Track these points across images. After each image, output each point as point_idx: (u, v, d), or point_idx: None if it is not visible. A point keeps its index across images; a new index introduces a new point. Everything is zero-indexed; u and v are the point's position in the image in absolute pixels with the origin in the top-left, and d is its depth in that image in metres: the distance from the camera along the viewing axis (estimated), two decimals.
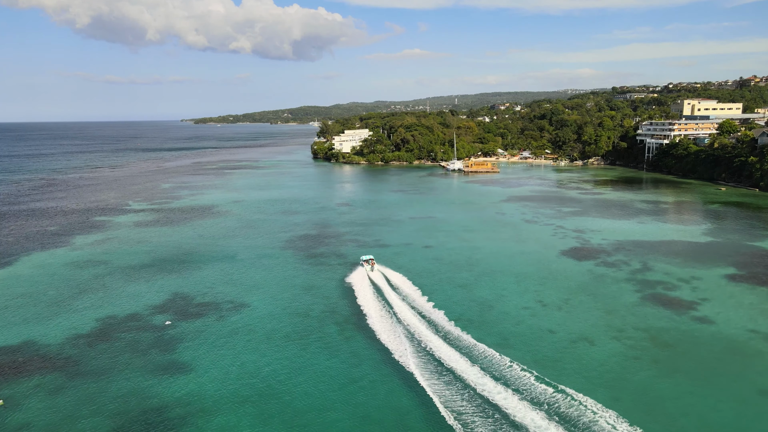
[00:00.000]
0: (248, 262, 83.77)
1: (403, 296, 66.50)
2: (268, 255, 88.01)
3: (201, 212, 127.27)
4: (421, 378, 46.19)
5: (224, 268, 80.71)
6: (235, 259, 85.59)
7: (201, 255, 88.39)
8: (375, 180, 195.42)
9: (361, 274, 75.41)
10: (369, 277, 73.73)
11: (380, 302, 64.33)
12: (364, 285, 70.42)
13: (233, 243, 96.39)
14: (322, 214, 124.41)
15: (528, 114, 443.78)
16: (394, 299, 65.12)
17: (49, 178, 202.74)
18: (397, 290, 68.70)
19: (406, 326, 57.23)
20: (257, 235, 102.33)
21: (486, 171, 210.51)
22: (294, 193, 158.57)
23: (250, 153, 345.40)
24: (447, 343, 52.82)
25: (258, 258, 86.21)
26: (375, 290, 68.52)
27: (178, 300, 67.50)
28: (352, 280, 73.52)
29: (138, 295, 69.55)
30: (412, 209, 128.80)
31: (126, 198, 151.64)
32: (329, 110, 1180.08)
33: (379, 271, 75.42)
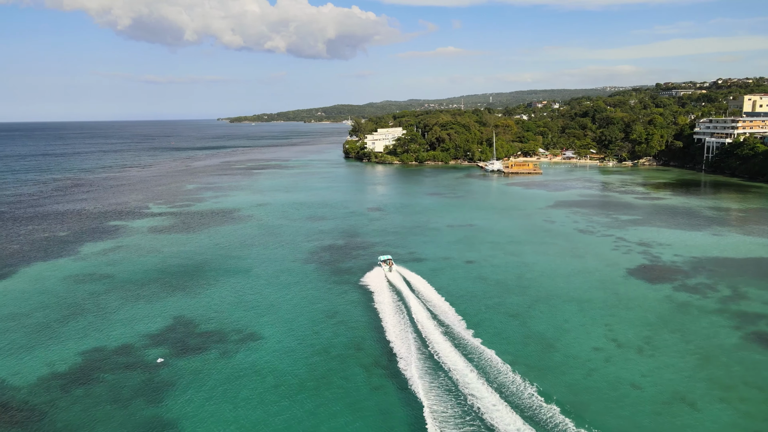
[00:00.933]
0: (264, 278, 73.58)
1: (443, 326, 55.12)
2: (288, 270, 77.65)
3: (221, 217, 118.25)
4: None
5: (237, 286, 70.70)
6: (250, 274, 75.54)
7: (213, 268, 78.70)
8: (409, 181, 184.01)
9: (383, 286, 66.90)
10: (387, 279, 70.20)
11: (414, 337, 52.98)
12: (393, 313, 59.29)
13: (251, 254, 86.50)
14: (350, 220, 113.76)
15: (568, 112, 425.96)
16: (432, 332, 53.69)
17: (75, 178, 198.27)
18: (436, 318, 57.39)
19: (449, 371, 45.83)
20: (278, 245, 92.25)
21: (527, 172, 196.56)
22: (322, 195, 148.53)
23: (280, 152, 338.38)
24: (504, 400, 41.23)
25: (276, 273, 75.93)
26: (408, 318, 57.29)
27: (179, 327, 57.59)
28: (379, 303, 62.56)
29: (134, 319, 59.97)
30: (450, 215, 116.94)
31: (147, 200, 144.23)
32: (362, 109, 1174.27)
33: (397, 273, 72.08)
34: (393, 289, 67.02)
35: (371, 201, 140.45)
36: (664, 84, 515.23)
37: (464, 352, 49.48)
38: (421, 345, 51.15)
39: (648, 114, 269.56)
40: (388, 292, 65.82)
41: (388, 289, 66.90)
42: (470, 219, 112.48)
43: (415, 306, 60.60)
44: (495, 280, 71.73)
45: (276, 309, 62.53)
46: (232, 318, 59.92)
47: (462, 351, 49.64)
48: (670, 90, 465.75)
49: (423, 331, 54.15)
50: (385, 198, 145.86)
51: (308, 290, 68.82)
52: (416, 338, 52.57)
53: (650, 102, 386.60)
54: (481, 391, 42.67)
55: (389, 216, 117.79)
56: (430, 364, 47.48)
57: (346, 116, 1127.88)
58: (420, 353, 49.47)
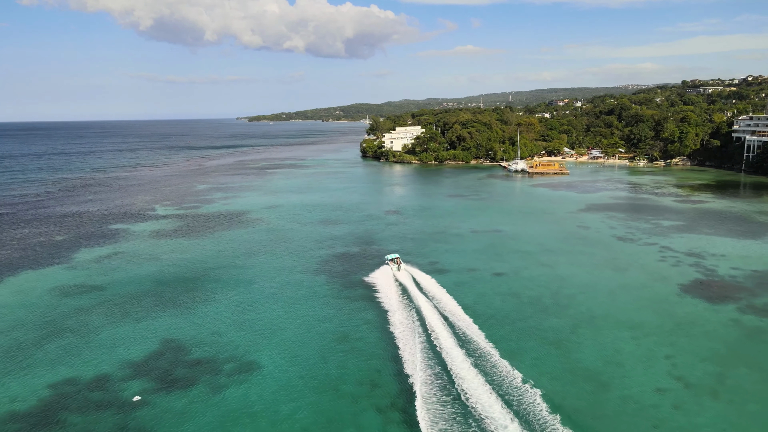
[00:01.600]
0: (268, 293, 65.88)
1: (472, 356, 46.83)
2: (296, 283, 69.85)
3: (229, 220, 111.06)
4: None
5: (237, 301, 63.11)
6: (253, 288, 67.90)
7: (213, 279, 71.25)
8: (428, 182, 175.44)
9: (399, 303, 59.36)
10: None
11: (439, 370, 44.71)
12: (411, 336, 51.07)
13: (256, 263, 78.92)
14: (366, 224, 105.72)
15: (591, 110, 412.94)
16: (459, 364, 45.37)
17: (86, 178, 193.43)
18: (464, 345, 49.07)
19: (482, 418, 37.56)
20: (287, 253, 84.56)
21: (553, 172, 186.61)
22: (337, 197, 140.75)
23: (296, 151, 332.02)
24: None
25: (282, 287, 68.18)
26: (429, 344, 49.04)
27: (166, 353, 50.05)
28: (396, 325, 54.43)
29: (117, 342, 52.60)
30: (474, 220, 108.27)
31: (154, 201, 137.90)
32: (381, 108, 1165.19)
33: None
34: (411, 306, 59.11)
35: (389, 203, 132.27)
36: (691, 81, 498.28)
37: (500, 392, 41.10)
38: (448, 382, 42.91)
39: (677, 111, 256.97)
40: (406, 311, 57.73)
41: (406, 307, 58.84)
42: (496, 224, 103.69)
43: (439, 329, 52.37)
44: (528, 297, 63.08)
45: (279, 331, 54.73)
46: (228, 342, 52.22)
47: (498, 391, 41.25)
48: (698, 87, 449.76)
49: (448, 361, 45.90)
50: (404, 200, 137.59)
51: (317, 308, 60.89)
52: (441, 371, 44.34)
53: (678, 99, 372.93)
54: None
55: (408, 220, 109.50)
56: (457, 407, 39.24)
57: (364, 115, 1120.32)
58: (445, 393, 41.22)
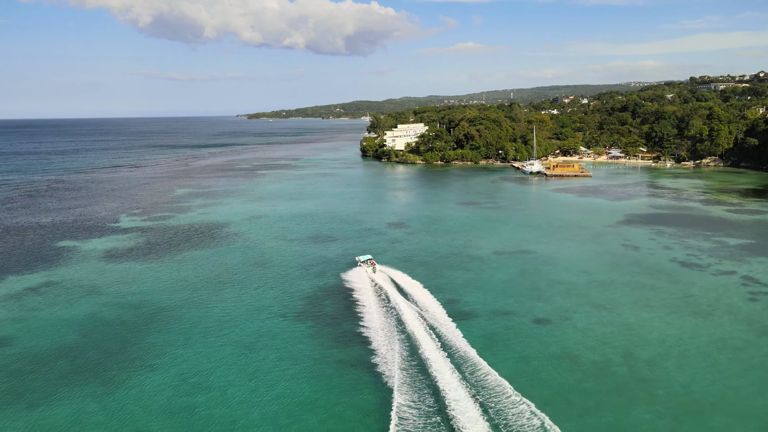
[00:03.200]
0: (229, 356, 47.71)
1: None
2: (270, 334, 51.73)
3: (201, 235, 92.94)
4: None
5: (183, 369, 44.98)
6: (209, 344, 49.78)
7: (160, 329, 53.13)
8: (436, 185, 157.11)
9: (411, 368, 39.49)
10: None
11: None
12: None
13: (222, 300, 60.80)
14: (365, 241, 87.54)
15: (601, 107, 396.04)
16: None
17: (56, 180, 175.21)
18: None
19: None
20: (263, 284, 66.44)
21: (574, 174, 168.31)
22: (332, 205, 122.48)
23: (292, 150, 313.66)
24: None
25: (250, 343, 50.03)
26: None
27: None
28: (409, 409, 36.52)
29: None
30: (495, 235, 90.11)
31: (121, 210, 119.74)
32: (381, 105, 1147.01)
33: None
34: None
35: (391, 213, 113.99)
36: (700, 78, 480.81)
37: None
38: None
39: (698, 108, 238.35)
40: (425, 389, 39.77)
41: (424, 386, 40.82)
42: (522, 241, 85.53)
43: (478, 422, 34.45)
44: (591, 364, 44.91)
45: (238, 426, 36.63)
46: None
47: None
48: (708, 84, 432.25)
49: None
50: (409, 208, 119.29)
51: (297, 383, 42.71)
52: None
53: (690, 96, 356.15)
54: None
55: (415, 236, 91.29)
56: None
57: (364, 112, 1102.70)
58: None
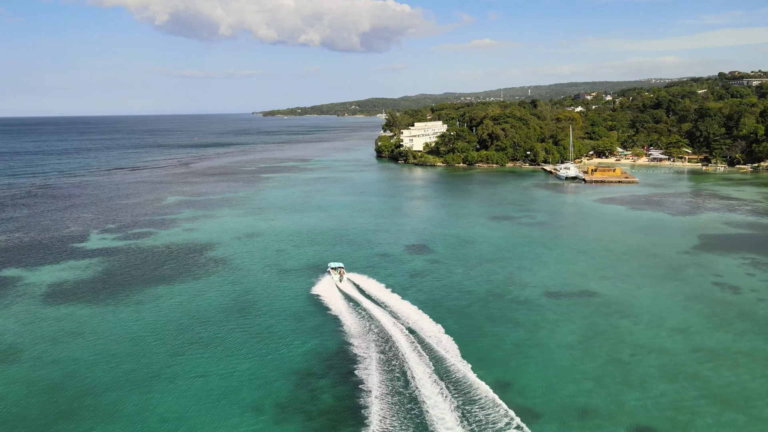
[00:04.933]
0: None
1: None
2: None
3: (177, 262, 75.34)
4: None
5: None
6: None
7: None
8: (460, 193, 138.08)
9: None
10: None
11: None
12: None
13: (176, 377, 42.94)
14: (379, 272, 69.07)
15: (628, 103, 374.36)
16: None
17: (40, 185, 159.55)
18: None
19: None
20: (240, 347, 48.46)
21: (617, 180, 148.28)
22: (340, 219, 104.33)
23: (303, 150, 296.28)
24: None
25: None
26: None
27: None
28: None
29: None
30: (542, 265, 71.24)
31: (96, 223, 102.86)
32: (397, 102, 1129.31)
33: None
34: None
35: (411, 230, 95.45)
36: (730, 73, 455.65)
37: None
38: None
39: (743, 104, 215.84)
40: None
41: None
42: (579, 276, 66.56)
43: None
44: None
45: None
46: None
47: None
48: (740, 79, 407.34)
49: None
50: (431, 225, 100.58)
51: None
52: None
53: (723, 91, 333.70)
54: None
55: (442, 266, 72.71)
56: None
57: (380, 110, 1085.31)
58: None
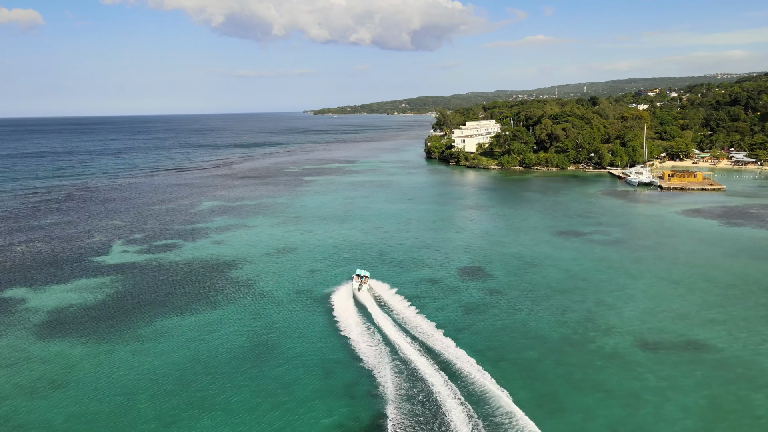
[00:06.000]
0: None
1: None
2: None
3: (196, 285, 65.94)
4: None
5: None
6: None
7: None
8: (519, 201, 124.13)
9: None
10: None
11: None
12: None
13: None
14: (428, 306, 57.31)
15: (700, 100, 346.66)
16: None
17: (82, 187, 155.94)
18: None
19: None
20: (253, 409, 37.84)
21: (699, 187, 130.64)
22: (384, 232, 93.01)
23: (350, 149, 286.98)
24: None
25: None
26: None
27: None
28: None
29: None
30: (628, 299, 57.61)
31: (123, 231, 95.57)
32: (447, 100, 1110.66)
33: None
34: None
35: (464, 248, 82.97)
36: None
37: None
38: None
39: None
40: None
41: None
42: (680, 318, 52.65)
43: None
44: None
45: None
46: None
47: None
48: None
49: None
50: (487, 240, 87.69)
51: None
52: None
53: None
54: None
55: (503, 297, 60.14)
56: None
57: (430, 108, 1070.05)
58: None
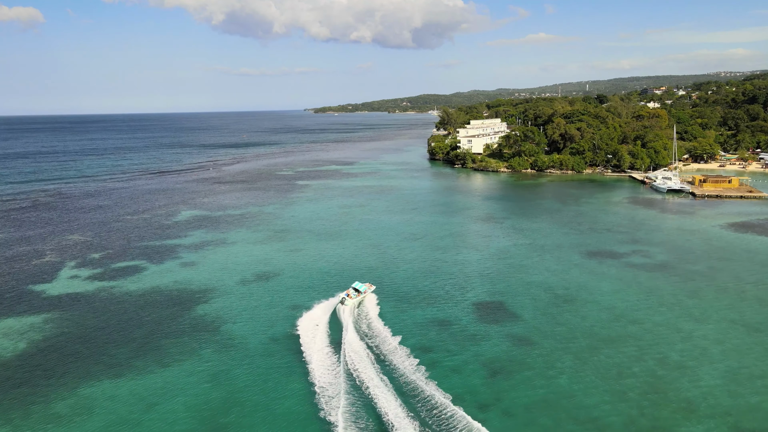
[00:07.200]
0: None
1: None
2: None
3: (152, 327, 52.30)
4: None
5: None
6: None
7: None
8: (537, 212, 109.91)
9: None
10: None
11: None
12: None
13: None
14: (442, 367, 43.68)
15: (706, 98, 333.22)
16: None
17: (53, 192, 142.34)
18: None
19: None
20: None
21: (738, 194, 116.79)
22: (383, 251, 79.23)
23: (349, 149, 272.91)
24: None
25: None
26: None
27: None
28: None
29: None
30: (702, 357, 44.00)
31: (80, 250, 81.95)
32: (449, 99, 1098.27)
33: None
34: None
35: (479, 275, 69.12)
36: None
37: None
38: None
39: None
40: None
41: None
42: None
43: None
44: None
45: None
46: None
47: None
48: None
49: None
50: (507, 264, 73.77)
51: None
52: None
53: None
54: None
55: (534, 349, 46.42)
56: None
57: (431, 106, 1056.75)
58: None
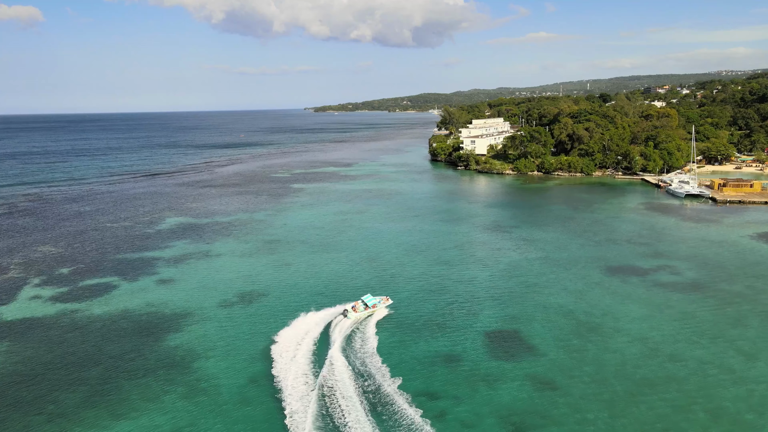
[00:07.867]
0: None
1: None
2: None
3: (112, 364, 44.66)
4: None
5: None
6: None
7: None
8: (548, 220, 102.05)
9: None
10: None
11: None
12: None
13: None
14: (450, 420, 36.13)
15: (711, 96, 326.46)
16: None
17: (33, 196, 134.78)
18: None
19: None
20: None
21: (762, 200, 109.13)
22: (381, 265, 71.59)
23: (348, 150, 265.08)
24: None
25: None
26: None
27: None
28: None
29: None
30: (763, 411, 36.28)
31: (49, 264, 74.42)
32: (449, 98, 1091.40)
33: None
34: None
35: (490, 296, 61.49)
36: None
37: None
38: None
39: None
40: None
41: None
42: None
43: None
44: None
45: None
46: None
47: None
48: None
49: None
50: (520, 283, 66.15)
51: None
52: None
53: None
54: None
55: (557, 395, 38.75)
56: None
57: (432, 105, 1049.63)
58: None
